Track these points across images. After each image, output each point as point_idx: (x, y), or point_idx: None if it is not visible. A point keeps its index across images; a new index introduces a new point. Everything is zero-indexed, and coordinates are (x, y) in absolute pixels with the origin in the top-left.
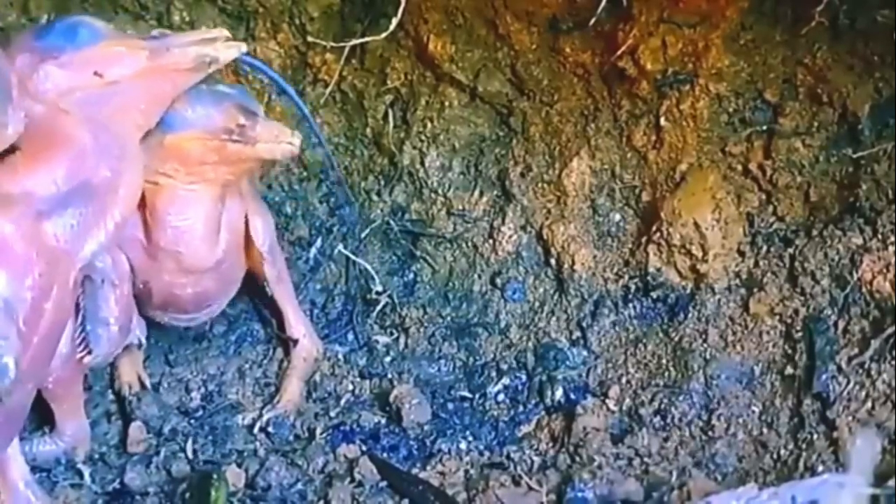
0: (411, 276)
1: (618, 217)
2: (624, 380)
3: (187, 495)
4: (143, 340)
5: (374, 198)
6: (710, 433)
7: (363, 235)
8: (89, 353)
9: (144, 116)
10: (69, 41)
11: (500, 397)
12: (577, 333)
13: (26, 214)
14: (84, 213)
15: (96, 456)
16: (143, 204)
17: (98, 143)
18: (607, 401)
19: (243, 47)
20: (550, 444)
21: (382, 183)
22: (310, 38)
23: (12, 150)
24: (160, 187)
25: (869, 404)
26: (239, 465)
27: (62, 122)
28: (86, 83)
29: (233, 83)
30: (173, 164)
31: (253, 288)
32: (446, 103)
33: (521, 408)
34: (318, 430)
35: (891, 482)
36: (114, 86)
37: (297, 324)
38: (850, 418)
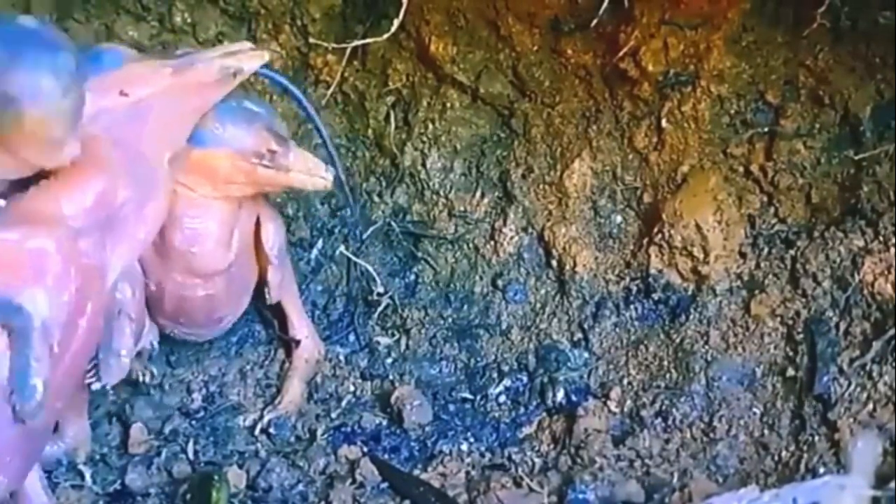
0: (413, 277)
1: (619, 218)
2: (625, 381)
3: (188, 496)
4: (156, 345)
5: (376, 199)
6: (711, 435)
7: (364, 237)
8: (98, 380)
9: (174, 133)
10: (93, 68)
11: (502, 399)
12: (579, 335)
13: (66, 233)
14: (112, 231)
15: (97, 457)
16: None
17: (127, 163)
18: (608, 402)
19: (266, 56)
20: (552, 446)
21: (384, 184)
22: (311, 40)
23: (47, 174)
24: (178, 193)
25: (870, 406)
26: (240, 466)
27: (92, 145)
28: (112, 104)
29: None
30: (198, 178)
31: (254, 289)
32: (448, 104)
33: (522, 409)
34: (320, 432)
35: (892, 484)
36: (140, 104)
37: (300, 325)
38: (851, 420)
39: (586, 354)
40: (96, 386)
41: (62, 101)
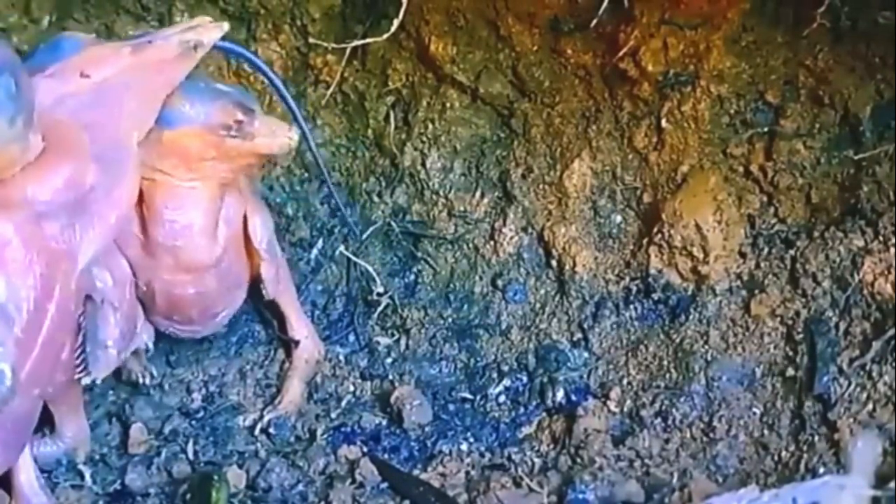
0: (412, 277)
1: (619, 218)
2: (625, 381)
3: (188, 496)
4: (150, 345)
5: (376, 199)
6: (711, 435)
7: (364, 237)
8: (87, 374)
9: (141, 113)
10: (54, 55)
11: (501, 398)
12: (579, 335)
13: (26, 216)
14: (82, 215)
15: (97, 457)
16: (140, 199)
17: (94, 146)
18: (608, 402)
19: (225, 26)
20: (551, 446)
21: (384, 184)
22: (311, 40)
23: None
24: (157, 183)
25: (870, 406)
26: (240, 466)
27: (57, 129)
28: (75, 88)
29: (234, 83)
30: (172, 161)
31: (253, 289)
32: (447, 105)
33: (521, 409)
34: (319, 432)
35: (892, 484)
36: (103, 86)
37: (300, 325)
38: (851, 420)
39: (586, 354)
40: (86, 380)
41: (11, 129)
